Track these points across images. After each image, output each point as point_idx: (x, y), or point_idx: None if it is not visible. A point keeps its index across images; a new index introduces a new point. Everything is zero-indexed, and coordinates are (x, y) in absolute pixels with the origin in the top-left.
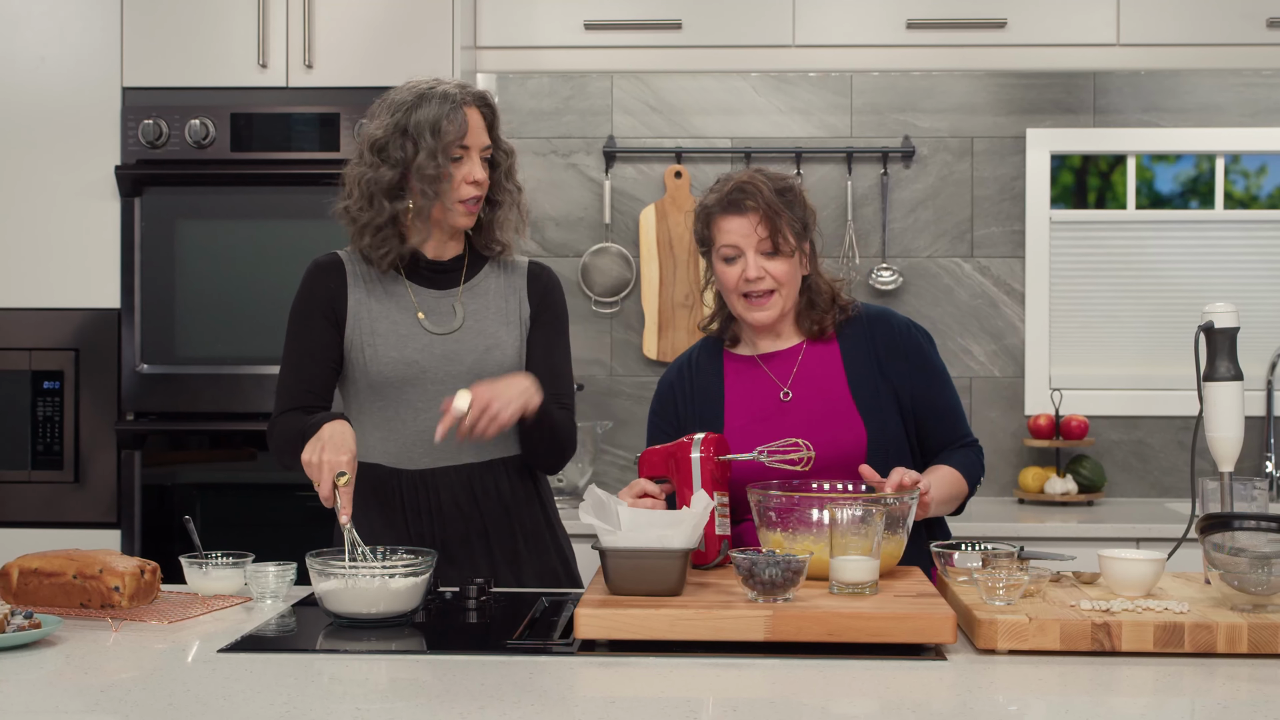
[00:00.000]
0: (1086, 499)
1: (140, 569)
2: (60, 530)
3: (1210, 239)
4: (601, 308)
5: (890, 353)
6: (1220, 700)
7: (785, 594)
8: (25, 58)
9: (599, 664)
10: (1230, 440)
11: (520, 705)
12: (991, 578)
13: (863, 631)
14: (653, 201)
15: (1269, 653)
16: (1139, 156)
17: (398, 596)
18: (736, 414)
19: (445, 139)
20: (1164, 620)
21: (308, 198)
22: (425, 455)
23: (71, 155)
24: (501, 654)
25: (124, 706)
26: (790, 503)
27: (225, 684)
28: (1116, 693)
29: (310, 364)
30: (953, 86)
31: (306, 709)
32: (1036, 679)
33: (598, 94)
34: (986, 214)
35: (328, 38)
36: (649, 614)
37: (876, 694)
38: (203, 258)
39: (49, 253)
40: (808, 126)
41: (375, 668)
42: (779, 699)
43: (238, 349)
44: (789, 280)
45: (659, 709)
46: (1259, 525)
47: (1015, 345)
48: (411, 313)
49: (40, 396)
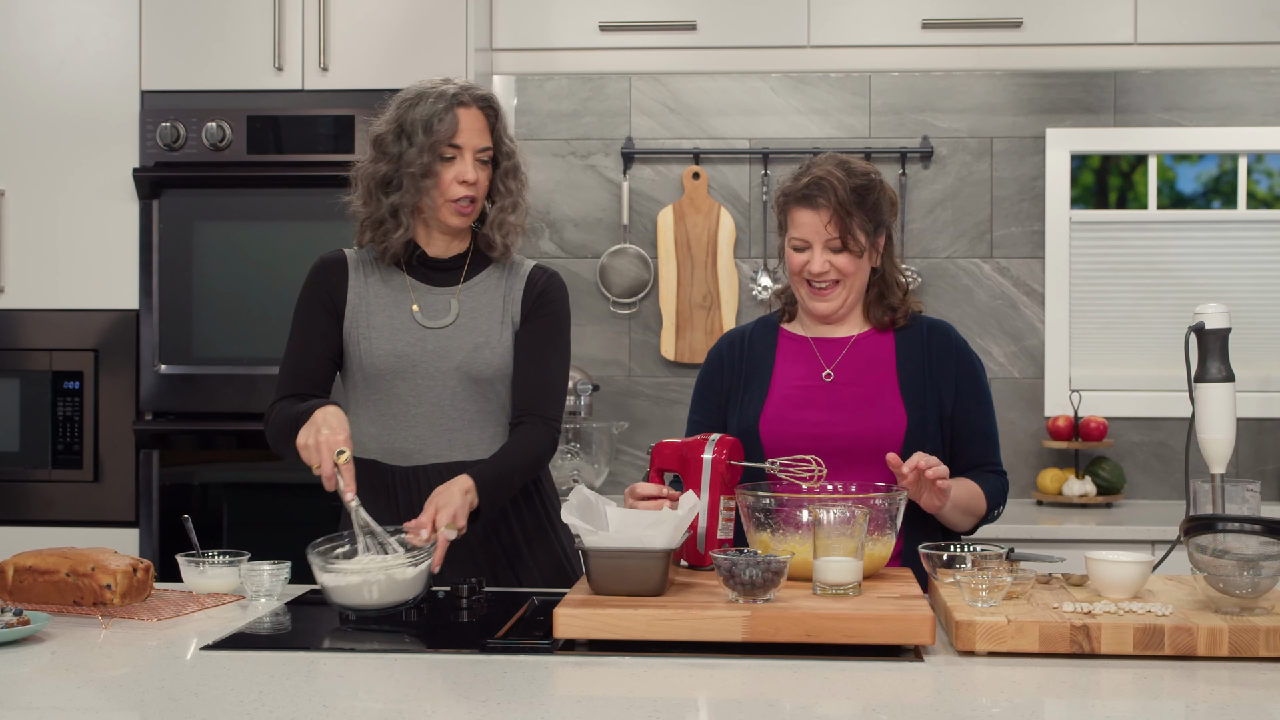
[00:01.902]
0: (1105, 501)
1: (133, 567)
2: (79, 529)
3: (1233, 239)
4: (619, 309)
5: (942, 360)
6: (1200, 704)
7: (766, 595)
8: (46, 62)
9: (574, 663)
10: (1222, 442)
11: (487, 703)
12: (974, 579)
13: (840, 632)
14: (671, 203)
15: (1250, 656)
16: (1160, 156)
17: (404, 587)
18: (779, 389)
19: (434, 137)
20: (1144, 623)
21: (323, 199)
22: (418, 451)
23: (91, 158)
24: (481, 653)
25: (97, 702)
26: (778, 503)
27: (201, 680)
28: (1094, 696)
29: (308, 355)
30: (972, 86)
31: (275, 705)
32: (1011, 681)
33: (616, 95)
34: (1006, 214)
35: (342, 40)
36: (628, 614)
37: (849, 694)
38: (219, 259)
39: (69, 255)
40: (826, 127)
41: (352, 665)
42: (747, 699)
43: (254, 349)
44: (855, 274)
45: (625, 708)
46: (1242, 527)
47: (1035, 346)
48: (407, 306)
49: (60, 396)
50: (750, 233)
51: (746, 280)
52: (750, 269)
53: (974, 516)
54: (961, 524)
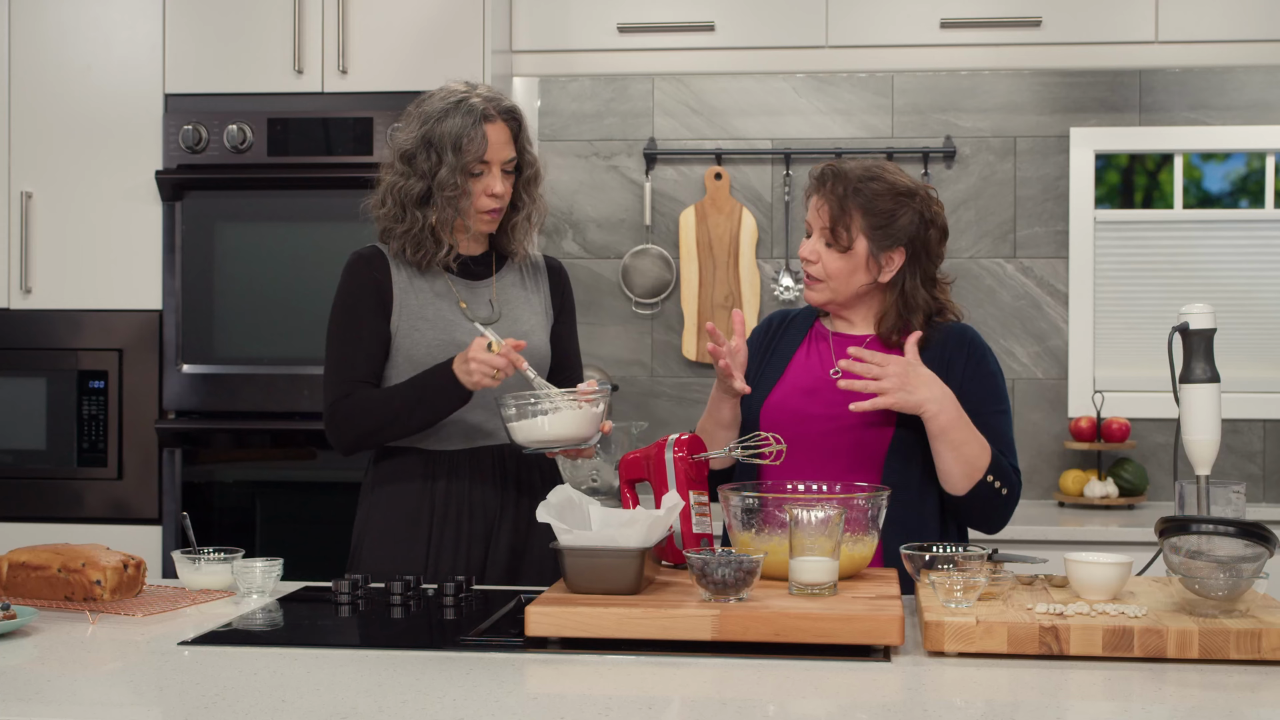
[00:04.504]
0: (1127, 503)
1: (124, 563)
2: (103, 526)
3: (1261, 239)
4: (642, 309)
5: (951, 364)
6: (1169, 706)
7: (739, 594)
8: (74, 67)
9: (542, 660)
10: (1207, 443)
11: (445, 699)
12: (949, 579)
13: (809, 632)
14: (693, 203)
15: (1221, 659)
16: (1187, 155)
17: (588, 421)
18: (790, 378)
19: (465, 157)
20: (1114, 624)
21: (342, 201)
22: (461, 435)
23: (116, 161)
24: (454, 649)
25: (63, 695)
26: (760, 503)
27: (169, 675)
28: (1061, 697)
29: (362, 351)
30: (995, 86)
31: (235, 699)
32: (976, 682)
33: (639, 96)
34: (1030, 214)
35: (361, 43)
36: (598, 612)
37: (811, 694)
38: (241, 260)
39: (95, 256)
40: (849, 127)
41: (320, 661)
42: (703, 699)
43: (275, 349)
44: (838, 276)
45: (580, 706)
46: (1217, 529)
47: (1059, 347)
48: (454, 301)
49: (86, 396)
50: (772, 233)
51: (768, 280)
52: (772, 269)
53: (969, 466)
54: (952, 469)
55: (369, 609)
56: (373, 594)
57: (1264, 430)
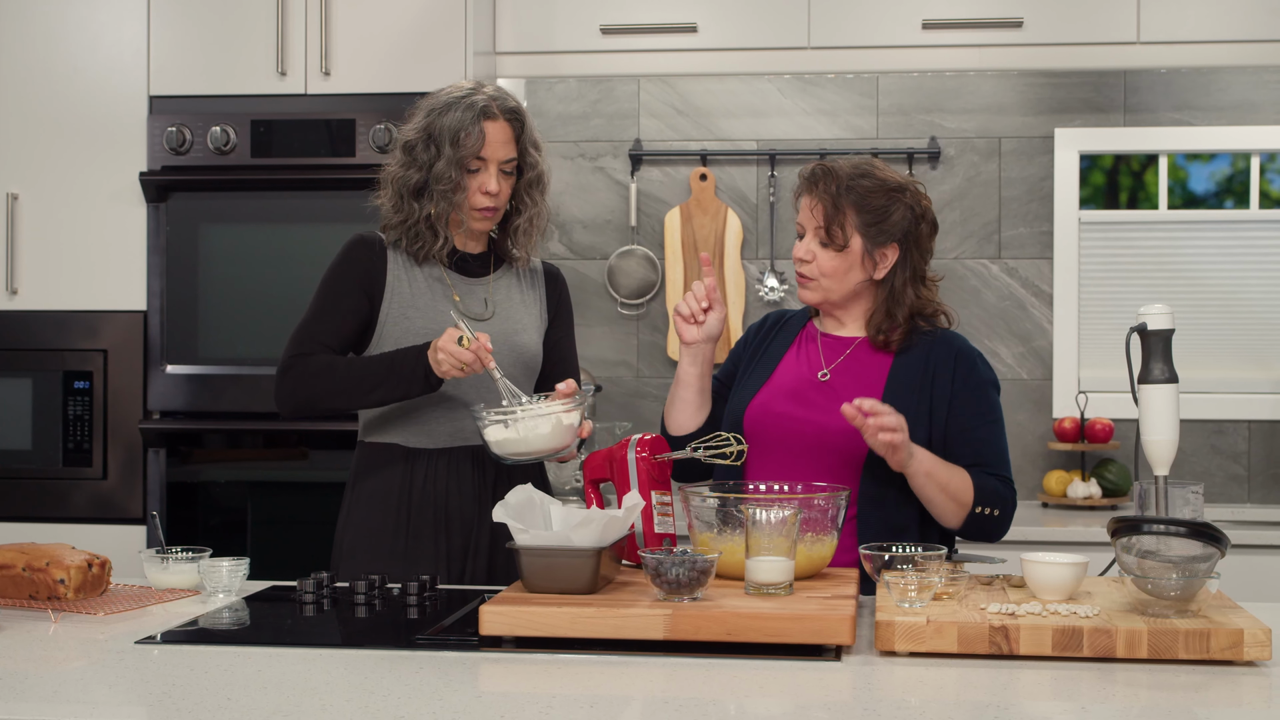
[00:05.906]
0: (1110, 503)
1: (89, 562)
2: (88, 526)
3: (1246, 239)
4: (627, 310)
5: (939, 372)
6: (1116, 706)
7: (693, 593)
8: (59, 69)
9: (494, 659)
10: (1165, 443)
11: (390, 697)
12: (903, 579)
13: (760, 631)
14: (678, 204)
15: (1170, 659)
16: (1172, 156)
17: (566, 431)
18: (778, 379)
19: (462, 151)
20: (1063, 624)
21: (325, 202)
22: (445, 433)
23: (101, 162)
24: (407, 649)
25: (9, 693)
26: (718, 502)
27: (120, 674)
28: (1010, 696)
29: (334, 322)
30: (979, 86)
31: (180, 696)
32: (922, 681)
33: (624, 98)
34: (1014, 215)
35: (344, 46)
36: (551, 611)
37: (753, 694)
38: (225, 261)
39: (80, 257)
40: (833, 128)
41: (273, 661)
42: (649, 698)
43: (259, 350)
44: (834, 275)
45: (521, 705)
46: (1168, 529)
47: (1043, 347)
48: (447, 296)
49: (71, 396)
50: (757, 234)
51: (754, 281)
52: (757, 270)
53: (957, 504)
54: (944, 509)
55: (333, 608)
56: (338, 593)
57: (1249, 431)
